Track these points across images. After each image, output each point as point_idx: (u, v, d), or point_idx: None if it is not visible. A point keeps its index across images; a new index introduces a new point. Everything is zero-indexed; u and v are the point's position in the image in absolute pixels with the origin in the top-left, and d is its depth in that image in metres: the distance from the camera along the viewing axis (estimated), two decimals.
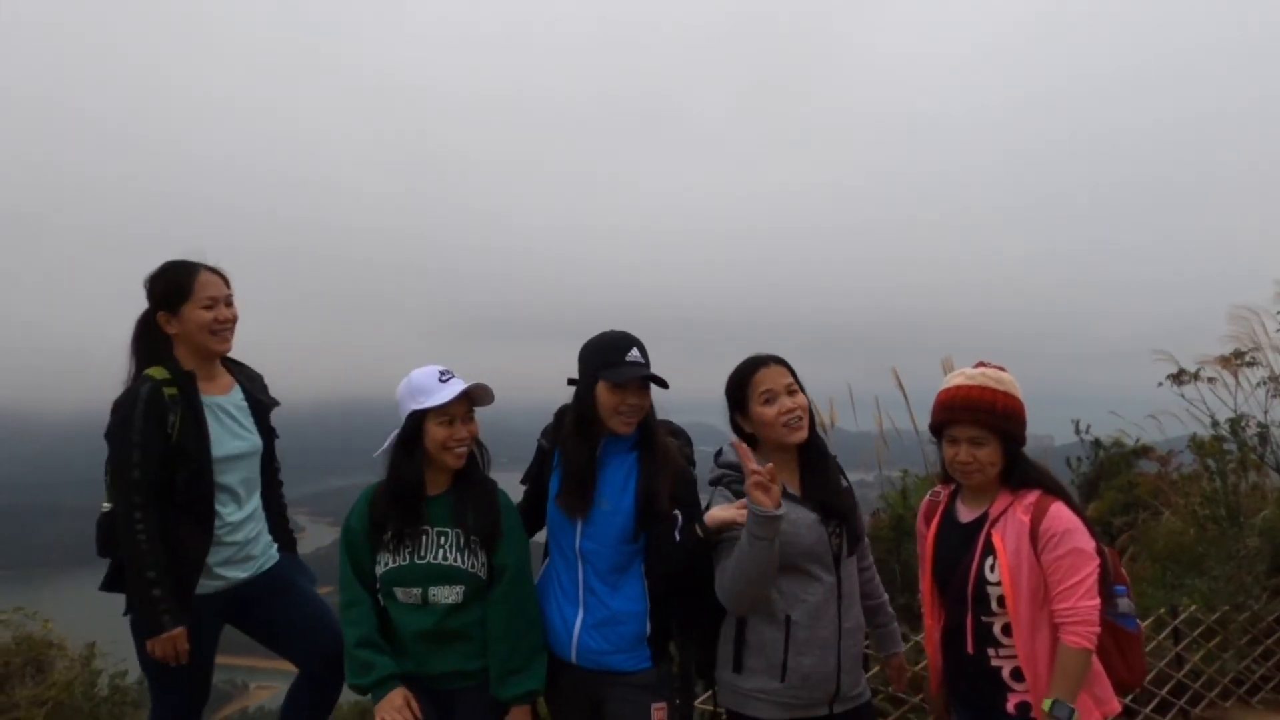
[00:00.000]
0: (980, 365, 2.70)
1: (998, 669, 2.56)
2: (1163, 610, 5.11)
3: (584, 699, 2.73)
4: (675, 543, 2.61)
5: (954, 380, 2.66)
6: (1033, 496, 2.56)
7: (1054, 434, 9.24)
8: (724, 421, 2.80)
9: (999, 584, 2.52)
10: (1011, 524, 2.55)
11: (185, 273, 2.90)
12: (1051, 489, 2.58)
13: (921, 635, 3.24)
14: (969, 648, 2.59)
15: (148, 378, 2.82)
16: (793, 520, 2.53)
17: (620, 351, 2.68)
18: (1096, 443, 8.81)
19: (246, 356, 3.16)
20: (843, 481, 2.77)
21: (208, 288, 2.90)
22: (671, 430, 2.89)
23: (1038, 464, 2.67)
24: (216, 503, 2.87)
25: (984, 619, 2.57)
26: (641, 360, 2.69)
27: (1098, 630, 2.42)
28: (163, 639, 2.71)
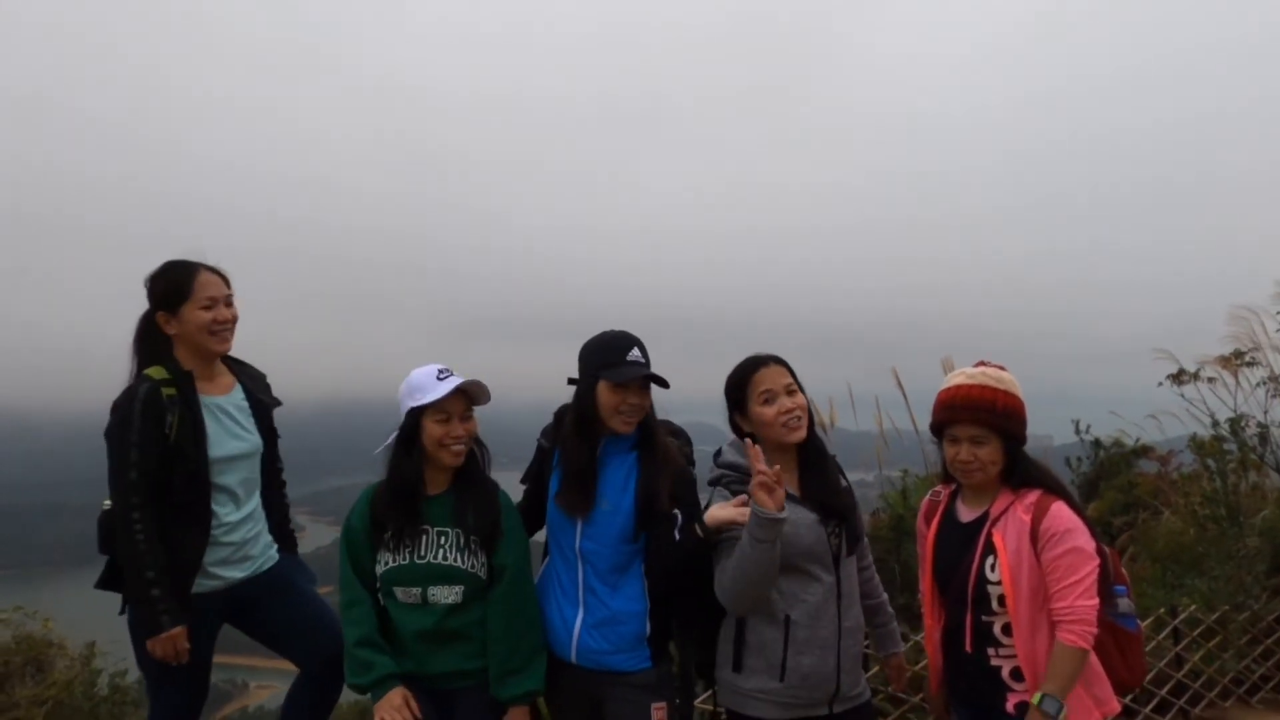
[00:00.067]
0: (980, 365, 2.70)
1: (997, 669, 2.56)
2: (1162, 610, 5.11)
3: (584, 699, 2.72)
4: (675, 542, 2.61)
5: (954, 380, 2.66)
6: (1034, 496, 2.56)
7: (1054, 434, 9.25)
8: (724, 421, 2.80)
9: (999, 583, 2.52)
10: (1012, 523, 2.55)
11: (184, 273, 2.90)
12: (1053, 488, 2.58)
13: (921, 635, 3.24)
14: (968, 647, 2.59)
15: (146, 378, 2.82)
16: (792, 520, 2.52)
17: (621, 351, 2.68)
18: (1096, 443, 8.81)
19: (247, 356, 3.16)
20: (842, 481, 2.77)
21: (207, 288, 2.90)
22: (671, 430, 2.88)
23: (1039, 463, 2.67)
24: (214, 503, 2.87)
25: (984, 619, 2.57)
26: (642, 360, 2.69)
27: (1094, 630, 2.42)
28: (162, 638, 2.71)
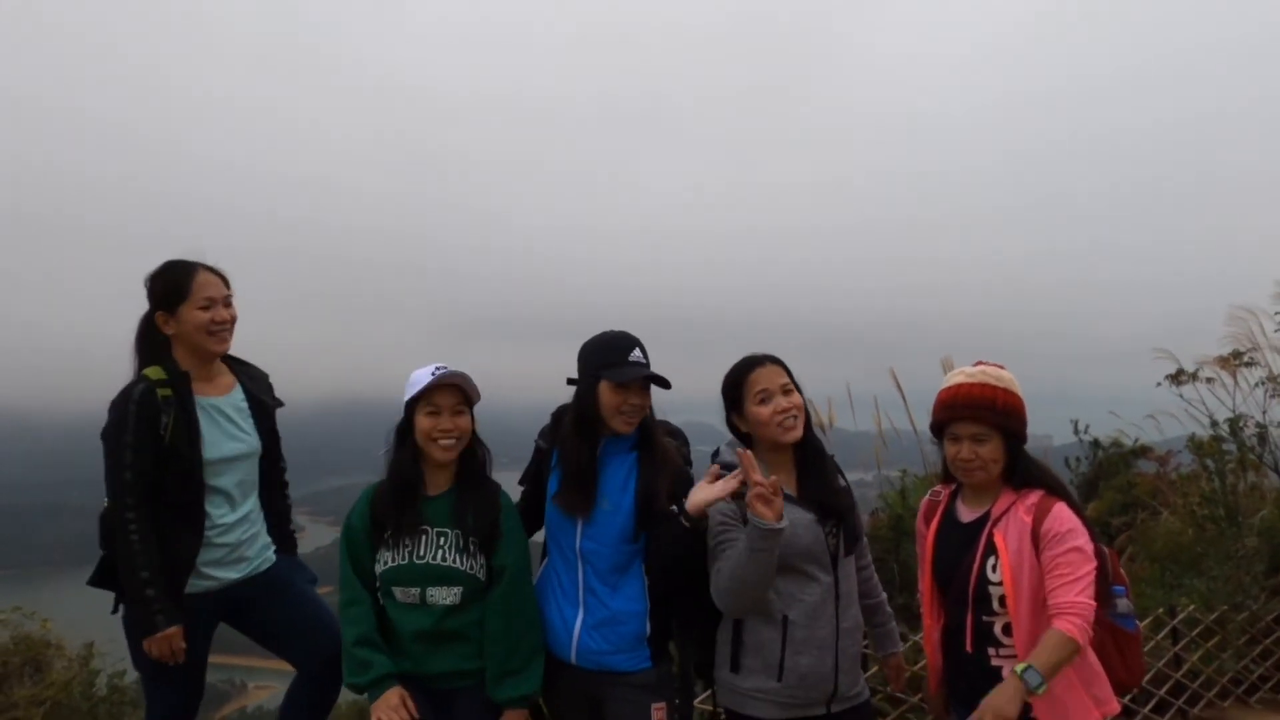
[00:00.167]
0: (979, 364, 2.70)
1: (997, 669, 2.55)
2: (1161, 610, 5.11)
3: (584, 699, 2.72)
4: (668, 539, 2.60)
5: (954, 379, 2.66)
6: (1035, 496, 2.56)
7: (1053, 434, 9.25)
8: (722, 421, 2.80)
9: (1001, 584, 2.52)
10: (1014, 524, 2.54)
11: (183, 273, 2.89)
12: (1054, 489, 2.58)
13: (920, 635, 3.24)
14: (969, 647, 2.59)
15: (143, 378, 2.81)
16: (789, 520, 2.52)
17: (622, 351, 2.68)
18: (1095, 443, 8.81)
19: (246, 357, 3.15)
20: (840, 481, 2.77)
21: (206, 288, 2.89)
22: (668, 430, 2.89)
23: (1040, 463, 2.67)
24: (208, 504, 2.86)
25: (985, 619, 2.57)
26: (643, 360, 2.69)
27: (1090, 627, 2.41)
28: (158, 638, 2.71)
